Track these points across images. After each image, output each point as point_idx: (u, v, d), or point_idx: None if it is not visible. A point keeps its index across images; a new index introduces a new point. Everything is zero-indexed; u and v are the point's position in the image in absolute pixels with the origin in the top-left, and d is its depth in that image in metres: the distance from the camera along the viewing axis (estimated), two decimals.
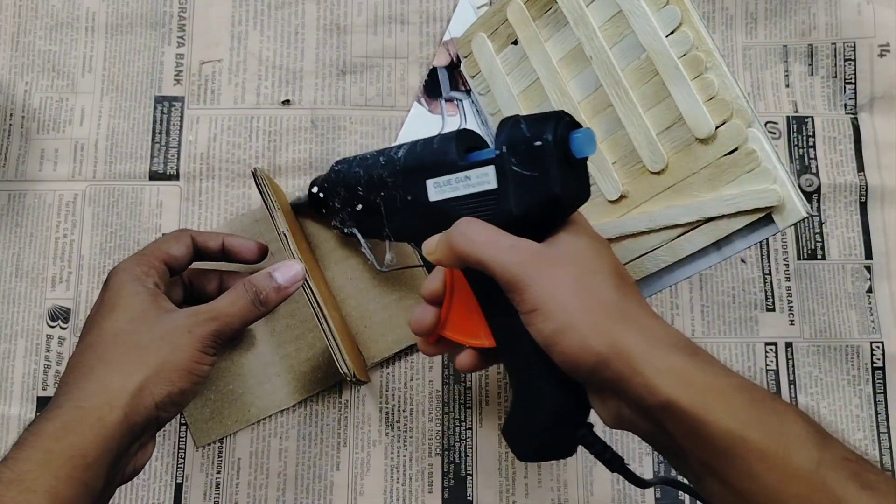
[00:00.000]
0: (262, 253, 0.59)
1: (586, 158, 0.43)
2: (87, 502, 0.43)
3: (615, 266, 0.44)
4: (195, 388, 0.48)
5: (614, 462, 0.43)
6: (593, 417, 0.43)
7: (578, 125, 0.43)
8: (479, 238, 0.43)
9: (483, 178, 0.45)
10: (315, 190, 0.59)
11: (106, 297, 0.50)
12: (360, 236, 0.56)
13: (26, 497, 0.40)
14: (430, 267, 0.49)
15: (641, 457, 0.62)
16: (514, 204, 0.43)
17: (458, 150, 0.47)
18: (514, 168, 0.43)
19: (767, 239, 0.59)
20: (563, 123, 0.42)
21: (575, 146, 0.42)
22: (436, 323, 0.47)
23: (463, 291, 0.47)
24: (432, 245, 0.46)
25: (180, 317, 0.49)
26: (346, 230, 0.57)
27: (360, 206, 0.54)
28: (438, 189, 0.48)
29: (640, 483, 0.44)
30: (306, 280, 0.54)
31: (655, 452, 0.62)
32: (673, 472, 0.61)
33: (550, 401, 0.43)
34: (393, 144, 0.55)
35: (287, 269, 0.53)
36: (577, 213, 0.46)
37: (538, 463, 0.62)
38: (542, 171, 0.42)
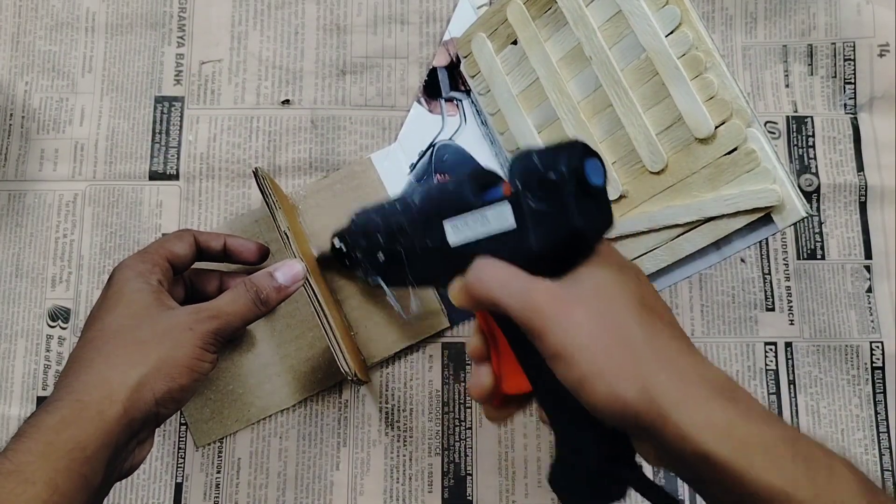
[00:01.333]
0: (263, 254, 0.59)
1: (605, 186, 0.41)
2: (85, 495, 0.43)
3: (641, 297, 0.41)
4: (195, 386, 0.48)
5: (668, 500, 0.40)
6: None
7: (594, 153, 0.40)
8: (492, 280, 0.41)
9: (500, 217, 0.42)
10: (337, 242, 0.58)
11: (109, 293, 0.50)
12: (384, 285, 0.55)
13: (25, 488, 0.40)
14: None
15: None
16: (533, 241, 0.41)
17: (473, 188, 0.44)
18: (531, 204, 0.40)
19: (767, 239, 0.59)
20: (576, 152, 0.39)
21: (591, 174, 0.39)
22: (494, 382, 0.44)
23: (503, 339, 0.44)
24: (455, 290, 0.44)
25: (182, 314, 0.49)
26: (370, 280, 0.56)
27: (381, 255, 0.53)
28: (456, 230, 0.45)
29: None
30: (307, 279, 0.54)
31: None
32: (678, 485, 0.61)
33: (594, 447, 0.40)
34: (391, 146, 0.55)
35: (288, 269, 0.53)
36: (603, 243, 0.43)
37: (538, 463, 0.62)
38: (560, 204, 0.39)
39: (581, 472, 0.41)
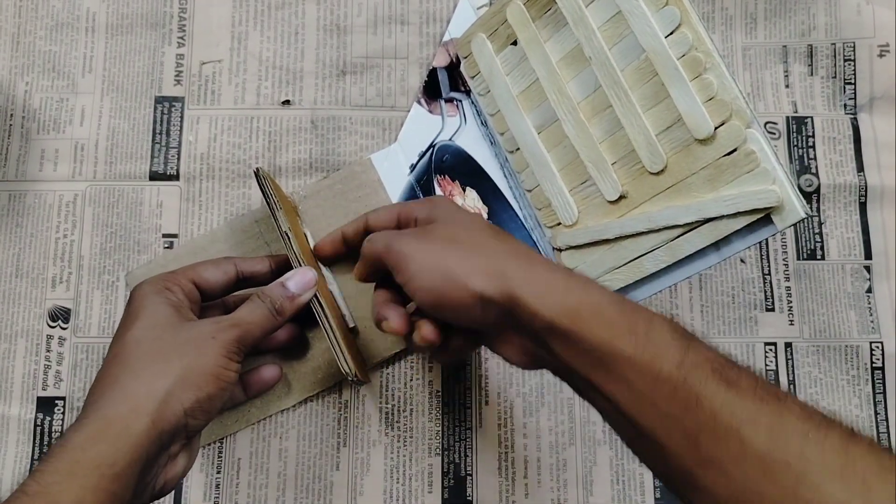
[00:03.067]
0: (277, 268, 0.59)
1: None
2: None
3: (491, 226, 0.50)
4: (223, 395, 0.48)
5: None
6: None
7: None
8: (375, 241, 0.50)
9: None
10: None
11: (129, 310, 0.50)
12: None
13: None
14: None
15: (643, 474, 0.62)
16: None
17: None
18: None
19: (767, 239, 0.59)
20: None
21: None
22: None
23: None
24: (355, 268, 0.54)
25: (203, 324, 0.49)
26: None
27: None
28: None
29: None
30: None
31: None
32: None
33: None
34: (391, 146, 0.55)
35: (300, 277, 0.54)
36: (444, 199, 0.54)
37: (538, 463, 0.62)
38: None
39: None
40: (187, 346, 0.47)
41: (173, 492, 0.61)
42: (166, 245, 0.64)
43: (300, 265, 0.55)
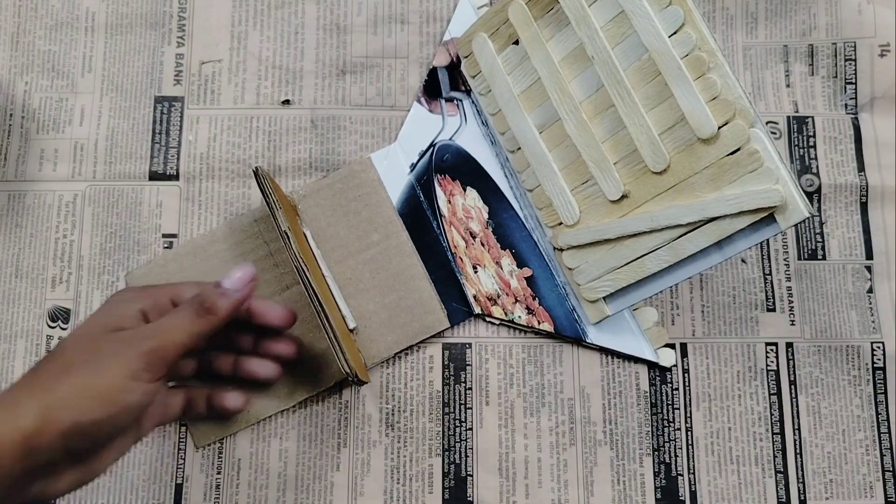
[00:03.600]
0: (290, 319, 0.55)
1: None
2: None
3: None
4: (117, 420, 0.43)
5: None
6: None
7: None
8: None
9: None
10: None
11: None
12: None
13: None
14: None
15: (642, 458, 0.62)
16: None
17: None
18: None
19: (768, 239, 0.59)
20: None
21: None
22: None
23: None
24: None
25: (118, 337, 0.45)
26: None
27: None
28: None
29: None
30: (307, 279, 0.54)
31: (656, 454, 0.62)
32: (679, 487, 0.61)
33: None
34: (391, 145, 0.54)
35: (235, 271, 0.50)
36: None
37: (538, 463, 0.62)
38: None
39: None
40: (87, 362, 0.43)
41: (174, 493, 0.61)
42: (166, 245, 0.64)
43: (300, 264, 0.55)
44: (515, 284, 0.63)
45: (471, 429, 0.62)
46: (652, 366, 0.63)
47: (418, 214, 0.64)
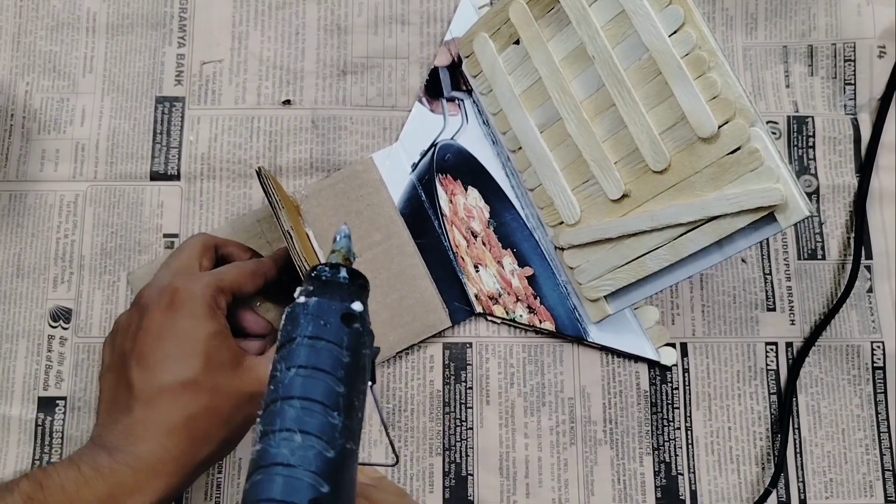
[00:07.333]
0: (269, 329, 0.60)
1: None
2: None
3: None
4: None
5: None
6: None
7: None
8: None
9: None
10: None
11: (170, 309, 0.53)
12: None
13: None
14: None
15: (642, 457, 0.62)
16: None
17: None
18: None
19: (767, 239, 0.59)
20: None
21: None
22: None
23: None
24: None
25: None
26: None
27: None
28: None
29: None
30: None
31: (657, 453, 0.62)
32: (679, 486, 0.62)
33: None
34: (392, 145, 0.54)
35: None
36: None
37: (539, 462, 0.62)
38: None
39: None
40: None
41: None
42: (167, 245, 0.64)
43: (303, 264, 0.55)
44: (517, 283, 0.63)
45: (471, 428, 0.62)
46: (652, 365, 0.63)
47: (420, 214, 0.64)
